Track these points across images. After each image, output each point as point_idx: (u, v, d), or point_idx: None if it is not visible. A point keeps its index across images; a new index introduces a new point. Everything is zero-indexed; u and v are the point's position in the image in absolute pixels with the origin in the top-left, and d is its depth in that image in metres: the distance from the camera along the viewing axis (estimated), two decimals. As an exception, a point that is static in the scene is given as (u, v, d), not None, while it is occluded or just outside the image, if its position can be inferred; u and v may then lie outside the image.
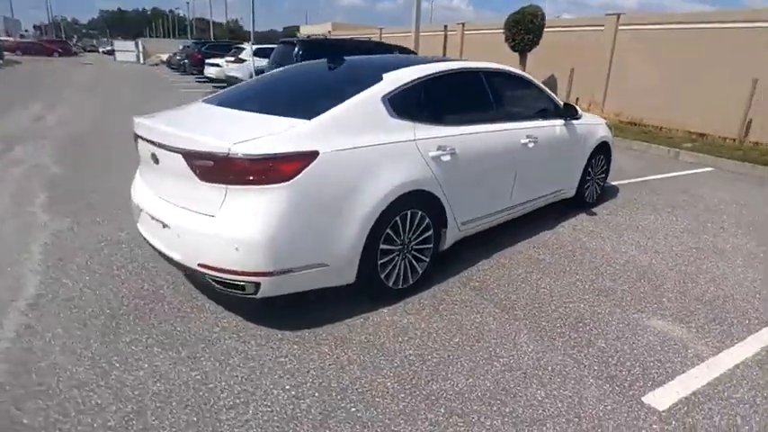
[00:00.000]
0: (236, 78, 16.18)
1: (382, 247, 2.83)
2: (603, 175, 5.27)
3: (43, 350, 2.46)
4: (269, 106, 2.95)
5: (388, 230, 2.84)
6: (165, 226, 2.69)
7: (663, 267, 3.72)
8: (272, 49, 16.57)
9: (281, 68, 3.97)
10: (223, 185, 2.40)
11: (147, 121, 2.86)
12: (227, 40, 30.64)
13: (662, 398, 2.28)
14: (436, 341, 2.66)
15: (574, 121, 4.45)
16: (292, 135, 2.51)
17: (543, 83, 13.18)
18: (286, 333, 2.68)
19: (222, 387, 2.25)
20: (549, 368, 2.46)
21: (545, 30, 12.25)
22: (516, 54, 12.64)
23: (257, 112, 2.89)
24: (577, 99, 12.26)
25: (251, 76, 15.81)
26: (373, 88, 2.92)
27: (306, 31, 39.21)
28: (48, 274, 3.23)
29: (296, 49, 10.12)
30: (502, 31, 12.88)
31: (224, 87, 16.26)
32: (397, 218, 2.86)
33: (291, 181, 2.40)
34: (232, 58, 16.93)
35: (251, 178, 2.36)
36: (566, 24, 13.31)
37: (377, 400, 2.20)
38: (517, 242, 4.06)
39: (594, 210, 5.02)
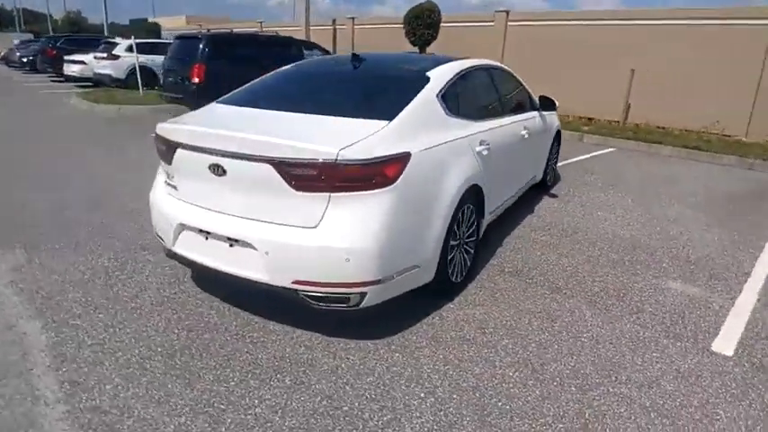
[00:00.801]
0: (109, 77, 14.43)
1: (451, 242, 2.86)
2: (556, 160, 5.82)
3: (118, 407, 2.06)
4: (326, 107, 2.81)
5: (454, 226, 2.88)
6: (232, 244, 2.41)
7: (644, 237, 4.27)
8: (155, 44, 15.18)
9: (291, 66, 3.71)
10: (325, 194, 2.23)
11: (199, 127, 2.54)
12: (76, 33, 26.77)
13: (724, 345, 2.67)
14: (519, 328, 2.77)
15: (545, 112, 4.85)
16: (386, 137, 2.41)
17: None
18: (377, 342, 2.58)
19: (360, 408, 2.11)
20: (627, 336, 2.73)
21: (441, 25, 12.91)
22: (416, 48, 13.13)
23: (318, 113, 2.72)
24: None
25: (130, 74, 14.29)
26: (429, 86, 2.91)
27: (167, 24, 36.09)
28: (49, 318, 2.67)
29: (201, 45, 9.33)
30: (399, 25, 13.29)
31: (91, 87, 14.60)
32: (459, 213, 2.91)
33: (395, 184, 2.32)
34: (103, 54, 14.98)
35: (358, 184, 2.23)
36: (460, 20, 14.14)
37: (512, 390, 2.25)
38: (515, 227, 4.33)
39: (553, 192, 5.52)
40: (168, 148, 2.58)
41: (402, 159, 2.36)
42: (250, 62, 8.10)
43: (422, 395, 2.20)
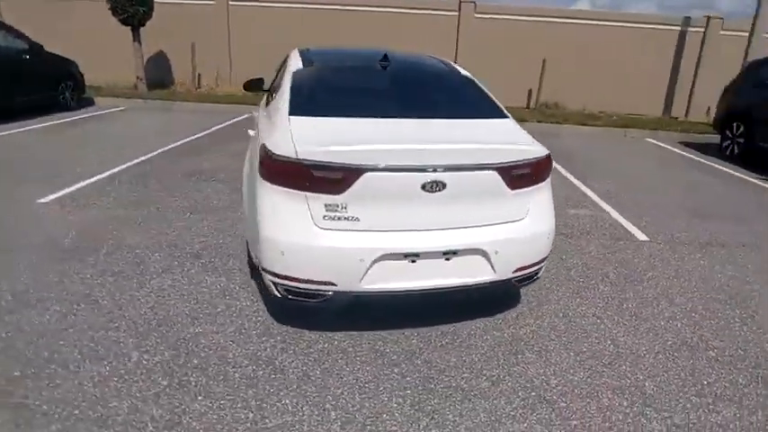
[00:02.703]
0: None
1: None
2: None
3: None
4: (430, 110, 3.05)
5: None
6: (449, 257, 2.52)
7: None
8: None
9: (316, 69, 3.32)
10: (529, 188, 2.63)
11: (400, 144, 2.45)
12: None
13: (638, 234, 4.43)
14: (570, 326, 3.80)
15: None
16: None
17: (156, 59, 12.54)
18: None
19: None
20: (584, 247, 4.14)
21: (155, 1, 11.43)
22: (128, 29, 11.25)
23: (438, 117, 2.95)
24: (199, 75, 12.51)
25: None
26: (481, 83, 3.39)
27: None
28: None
29: None
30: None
31: None
32: None
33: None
34: None
35: (545, 176, 2.71)
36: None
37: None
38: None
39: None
40: (345, 175, 2.30)
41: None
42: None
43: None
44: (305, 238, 2.41)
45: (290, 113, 2.73)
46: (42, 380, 2.33)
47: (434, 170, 2.37)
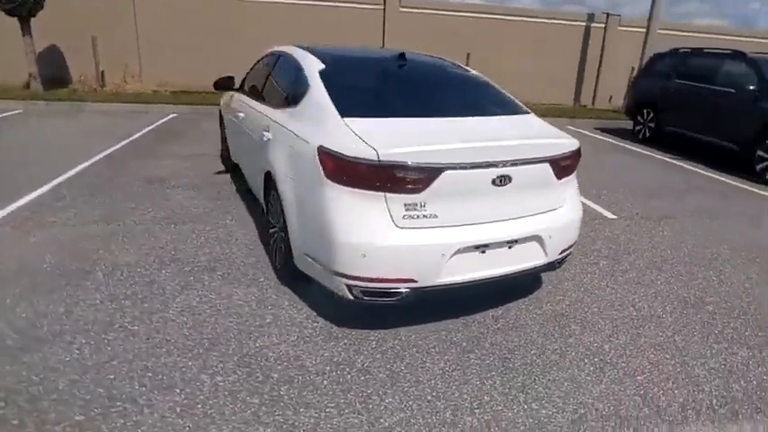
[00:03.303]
0: None
1: None
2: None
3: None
4: (463, 108, 3.18)
5: None
6: (512, 245, 2.71)
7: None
8: None
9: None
10: (568, 178, 2.90)
11: (474, 142, 2.53)
12: None
13: (608, 215, 4.97)
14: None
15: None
16: (552, 127, 3.16)
17: (50, 55, 11.36)
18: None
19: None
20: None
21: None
22: (15, 20, 9.85)
23: (474, 115, 3.10)
24: (103, 72, 11.39)
25: None
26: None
27: None
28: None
29: None
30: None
31: None
32: None
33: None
34: None
35: (576, 167, 2.99)
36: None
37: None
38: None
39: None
40: (426, 174, 2.38)
41: None
42: None
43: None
44: (387, 239, 2.43)
45: (343, 115, 2.71)
46: (116, 419, 2.10)
47: (504, 165, 2.53)
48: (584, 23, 13.11)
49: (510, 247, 2.69)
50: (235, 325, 2.82)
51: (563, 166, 2.80)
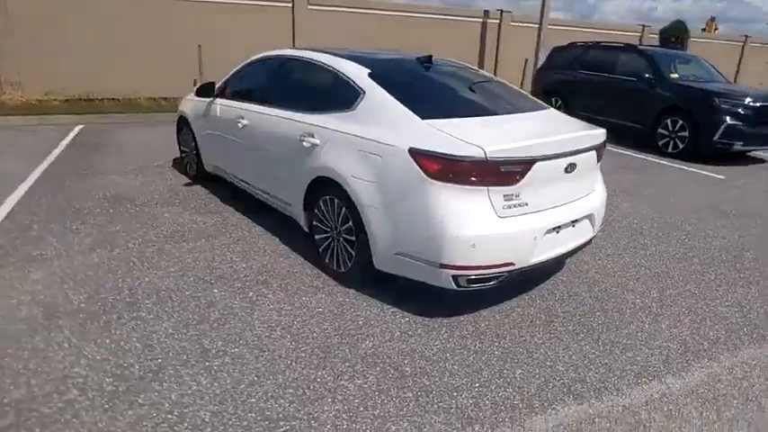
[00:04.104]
0: None
1: None
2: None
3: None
4: (500, 106, 3.50)
5: None
6: (574, 224, 3.11)
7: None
8: None
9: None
10: (600, 163, 3.36)
11: (554, 136, 2.89)
12: None
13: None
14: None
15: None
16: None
17: None
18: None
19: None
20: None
21: None
22: None
23: (514, 113, 3.43)
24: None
25: None
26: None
27: None
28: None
29: None
30: None
31: None
32: None
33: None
34: None
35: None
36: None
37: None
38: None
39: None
40: (523, 167, 2.68)
41: None
42: None
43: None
44: (492, 228, 2.67)
45: (423, 117, 2.86)
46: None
47: (572, 154, 2.90)
48: (480, 20, 14.25)
49: (573, 226, 3.08)
50: (333, 330, 2.83)
51: (600, 153, 3.26)
